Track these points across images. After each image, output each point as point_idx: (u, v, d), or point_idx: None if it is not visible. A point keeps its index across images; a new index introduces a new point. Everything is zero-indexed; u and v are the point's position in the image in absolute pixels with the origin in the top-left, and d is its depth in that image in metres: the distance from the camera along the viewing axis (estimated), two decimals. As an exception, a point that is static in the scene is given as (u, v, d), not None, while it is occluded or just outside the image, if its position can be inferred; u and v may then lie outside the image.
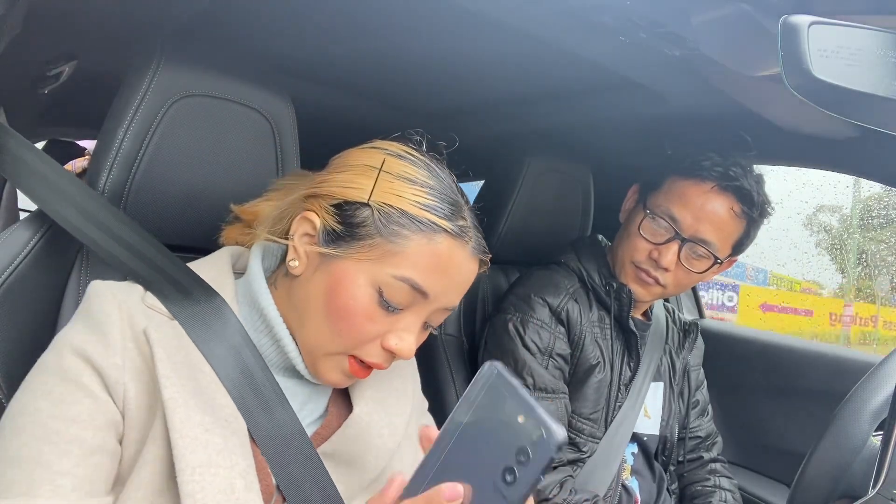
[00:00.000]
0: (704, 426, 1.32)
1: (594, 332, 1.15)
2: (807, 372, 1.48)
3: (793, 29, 0.53)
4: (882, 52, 0.53)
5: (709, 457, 1.31)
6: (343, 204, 0.64)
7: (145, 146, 0.79)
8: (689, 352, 1.30)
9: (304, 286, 0.66)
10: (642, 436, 1.19)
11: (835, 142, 1.10)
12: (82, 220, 0.71)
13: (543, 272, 1.21)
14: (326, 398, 0.73)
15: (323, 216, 0.65)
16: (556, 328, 1.12)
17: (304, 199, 0.68)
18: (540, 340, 1.11)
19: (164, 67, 0.79)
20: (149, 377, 0.60)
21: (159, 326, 0.62)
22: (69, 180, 0.74)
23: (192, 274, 0.69)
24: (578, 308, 1.15)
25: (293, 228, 0.67)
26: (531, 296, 1.15)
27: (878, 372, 0.87)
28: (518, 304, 1.15)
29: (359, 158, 0.67)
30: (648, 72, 0.98)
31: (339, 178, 0.66)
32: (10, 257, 0.74)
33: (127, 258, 0.70)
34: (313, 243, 0.65)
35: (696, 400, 1.31)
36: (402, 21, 0.90)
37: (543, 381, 1.09)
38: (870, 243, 9.04)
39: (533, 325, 1.12)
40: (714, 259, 1.08)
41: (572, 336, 1.13)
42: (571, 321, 1.14)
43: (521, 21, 0.82)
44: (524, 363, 1.09)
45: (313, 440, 0.68)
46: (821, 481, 0.81)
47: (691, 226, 1.07)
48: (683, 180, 1.09)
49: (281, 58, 1.09)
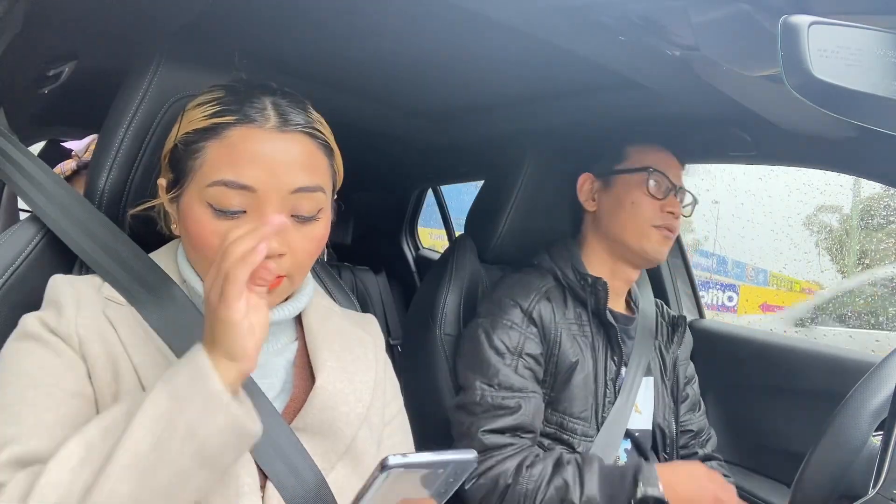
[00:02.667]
0: (696, 421, 1.32)
1: (571, 329, 1.16)
2: (806, 372, 1.48)
3: (793, 29, 0.53)
4: (882, 52, 0.53)
5: (703, 453, 1.30)
6: (169, 156, 0.71)
7: (145, 146, 0.79)
8: (679, 346, 1.30)
9: (183, 240, 0.73)
10: (634, 432, 1.19)
11: (835, 142, 1.10)
12: (70, 225, 0.75)
13: (516, 275, 1.23)
14: (284, 370, 0.75)
15: (165, 175, 0.72)
16: (528, 328, 1.13)
17: (160, 176, 0.75)
18: (509, 340, 1.11)
19: (164, 67, 0.79)
20: (111, 345, 0.65)
21: (118, 310, 0.68)
22: (59, 185, 0.77)
23: (154, 266, 0.73)
24: (551, 307, 1.15)
25: (161, 199, 0.73)
26: (503, 298, 1.16)
27: (878, 372, 0.87)
28: (490, 308, 1.16)
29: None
30: (648, 72, 0.98)
31: (167, 139, 0.73)
32: (11, 257, 0.75)
33: (100, 256, 0.73)
34: (165, 198, 0.72)
35: (686, 394, 1.31)
36: (402, 21, 0.90)
37: (509, 381, 1.08)
38: (870, 243, 9.04)
39: (503, 326, 1.12)
40: (694, 198, 1.26)
41: (547, 336, 1.14)
42: (544, 321, 1.14)
43: (521, 21, 0.82)
44: (489, 364, 1.09)
45: (285, 415, 0.71)
46: (821, 481, 0.81)
47: (676, 176, 1.21)
48: (642, 145, 1.22)
49: (280, 58, 1.09)
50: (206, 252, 0.67)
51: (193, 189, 0.67)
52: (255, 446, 0.66)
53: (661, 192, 1.18)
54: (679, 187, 1.20)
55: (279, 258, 0.67)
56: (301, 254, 0.69)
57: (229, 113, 0.67)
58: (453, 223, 2.60)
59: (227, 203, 0.66)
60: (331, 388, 0.73)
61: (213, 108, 0.68)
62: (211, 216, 0.66)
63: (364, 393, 0.76)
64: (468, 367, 1.13)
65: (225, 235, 0.62)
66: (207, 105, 0.69)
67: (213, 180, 0.66)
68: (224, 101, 0.68)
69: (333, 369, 0.74)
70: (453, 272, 1.32)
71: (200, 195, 0.67)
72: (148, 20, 0.91)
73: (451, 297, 1.29)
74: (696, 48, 0.77)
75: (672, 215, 1.18)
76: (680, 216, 1.20)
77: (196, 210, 0.67)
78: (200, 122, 0.68)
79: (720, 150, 1.30)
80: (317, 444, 0.70)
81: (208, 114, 0.68)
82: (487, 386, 1.09)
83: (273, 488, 0.66)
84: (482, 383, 1.09)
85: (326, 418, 0.71)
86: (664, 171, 1.18)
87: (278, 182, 0.66)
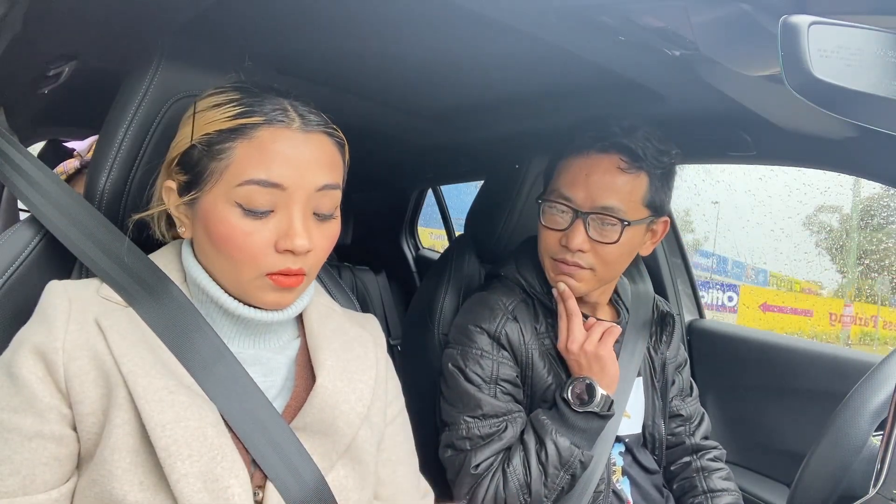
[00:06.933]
0: (685, 407, 1.28)
1: (544, 345, 1.11)
2: (807, 372, 1.48)
3: (793, 29, 0.53)
4: (882, 52, 0.53)
5: (692, 443, 1.27)
6: (180, 158, 0.71)
7: (145, 146, 0.79)
8: (668, 347, 1.26)
9: (197, 242, 0.72)
10: (624, 437, 1.17)
11: (835, 142, 1.10)
12: (68, 225, 0.75)
13: (480, 296, 1.17)
14: (285, 368, 0.76)
15: (174, 178, 0.72)
16: (499, 353, 1.09)
17: (164, 178, 0.74)
18: (482, 370, 1.07)
19: (164, 67, 0.79)
20: (101, 357, 0.64)
21: (112, 313, 0.68)
22: (58, 185, 0.77)
23: (154, 266, 0.73)
24: (519, 328, 1.10)
25: (166, 204, 0.73)
26: (468, 326, 1.12)
27: (878, 372, 0.87)
28: (458, 337, 1.13)
29: (182, 120, 0.74)
30: (648, 72, 0.98)
31: (173, 143, 0.73)
32: (11, 258, 0.75)
33: (99, 258, 0.73)
34: (178, 202, 0.71)
35: (672, 380, 1.27)
36: (403, 22, 0.90)
37: (493, 409, 1.06)
38: (870, 243, 9.04)
39: (473, 357, 1.08)
40: (621, 222, 1.03)
41: (518, 358, 1.10)
42: (513, 344, 1.09)
43: (521, 21, 0.82)
44: (469, 396, 1.07)
45: (286, 415, 0.71)
46: (821, 481, 0.81)
47: (587, 198, 1.04)
48: (566, 159, 1.09)
49: (281, 58, 1.09)
50: (233, 252, 0.68)
51: (219, 189, 0.67)
52: (255, 446, 0.66)
53: (559, 223, 1.07)
54: (586, 213, 1.04)
55: (305, 255, 0.69)
56: (320, 251, 0.72)
57: (255, 114, 0.68)
58: (453, 223, 2.60)
59: (256, 202, 0.67)
60: (331, 387, 0.73)
61: (234, 108, 0.68)
62: (240, 215, 0.67)
63: (365, 392, 0.76)
64: (449, 403, 1.10)
65: (251, 232, 0.66)
66: (227, 106, 0.69)
67: (244, 179, 0.66)
68: (245, 102, 0.69)
69: (334, 368, 0.75)
70: (452, 272, 1.32)
71: (228, 195, 0.67)
72: (148, 20, 0.91)
73: (450, 298, 1.29)
74: (696, 48, 0.77)
75: (567, 249, 1.06)
76: (584, 249, 1.05)
77: (222, 210, 0.67)
78: (224, 122, 0.68)
79: (720, 150, 1.30)
80: (317, 444, 0.71)
81: (231, 114, 0.68)
82: (472, 418, 1.06)
83: (273, 488, 0.66)
84: (466, 417, 1.06)
85: (326, 417, 0.71)
86: (570, 195, 1.05)
87: (305, 181, 0.68)
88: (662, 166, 1.07)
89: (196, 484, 0.60)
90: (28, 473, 0.61)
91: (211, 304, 0.72)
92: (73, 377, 0.63)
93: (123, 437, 0.61)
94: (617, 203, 1.03)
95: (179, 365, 0.66)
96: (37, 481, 0.61)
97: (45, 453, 0.61)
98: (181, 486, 0.60)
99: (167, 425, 0.61)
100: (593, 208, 1.04)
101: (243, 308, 0.72)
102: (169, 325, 0.69)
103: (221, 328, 0.73)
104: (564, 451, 1.02)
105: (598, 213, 1.04)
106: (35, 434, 0.61)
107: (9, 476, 0.60)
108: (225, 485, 0.62)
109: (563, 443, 1.02)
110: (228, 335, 0.73)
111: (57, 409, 0.62)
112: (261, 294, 0.70)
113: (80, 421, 0.63)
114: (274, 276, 0.68)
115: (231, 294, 0.72)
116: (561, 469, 1.02)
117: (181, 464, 0.60)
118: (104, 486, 0.60)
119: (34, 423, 0.61)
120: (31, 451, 0.61)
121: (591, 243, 1.05)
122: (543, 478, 1.01)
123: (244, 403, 0.68)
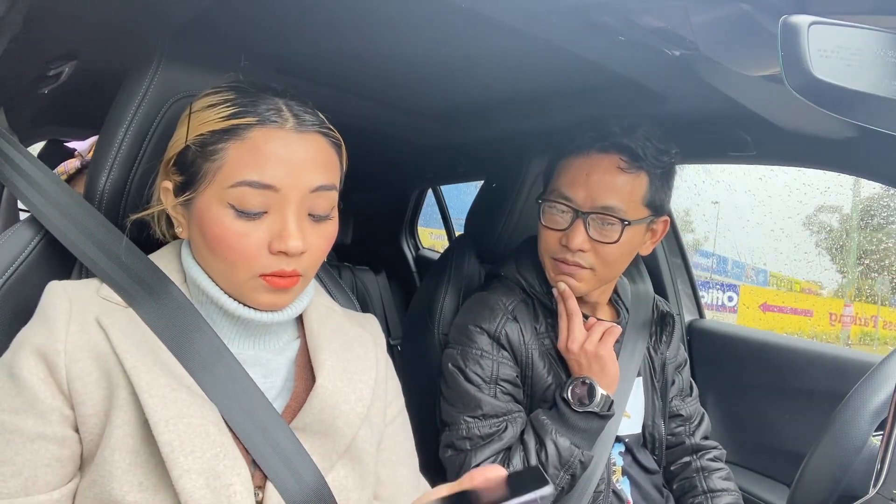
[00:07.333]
0: (685, 407, 1.28)
1: (544, 345, 1.11)
2: (807, 372, 1.48)
3: (793, 29, 0.52)
4: (882, 52, 0.53)
5: (691, 443, 1.27)
6: (176, 159, 0.71)
7: (145, 146, 0.79)
8: (668, 346, 1.26)
9: (193, 242, 0.72)
10: (624, 438, 1.17)
11: (835, 142, 1.10)
12: (69, 226, 0.75)
13: (480, 295, 1.18)
14: (285, 368, 0.76)
15: (171, 178, 0.72)
16: (499, 354, 1.09)
17: (161, 178, 0.74)
18: (482, 370, 1.08)
19: (164, 67, 0.79)
20: (104, 357, 0.64)
21: (113, 313, 0.67)
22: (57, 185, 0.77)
23: (153, 267, 0.73)
24: (519, 328, 1.11)
25: (164, 204, 0.73)
26: (468, 326, 1.12)
27: (878, 372, 0.87)
28: (458, 338, 1.13)
29: (178, 122, 0.74)
30: (648, 72, 0.98)
31: (170, 143, 0.73)
32: (11, 258, 0.75)
33: (99, 258, 0.73)
34: (174, 202, 0.71)
35: (672, 380, 1.27)
36: (403, 21, 0.90)
37: (493, 409, 1.06)
38: (870, 243, 9.04)
39: (473, 357, 1.09)
40: (621, 222, 1.04)
41: (518, 359, 1.10)
42: (513, 344, 1.10)
43: (522, 21, 0.82)
44: (469, 396, 1.07)
45: (286, 415, 0.71)
46: (821, 481, 0.81)
47: (587, 198, 1.05)
48: (566, 159, 1.09)
49: (281, 58, 1.09)
50: (226, 253, 0.67)
51: (212, 190, 0.67)
52: (255, 446, 0.66)
53: (559, 223, 1.08)
54: (587, 213, 1.04)
55: (299, 257, 0.68)
56: (316, 252, 0.71)
57: (248, 114, 0.67)
58: (453, 223, 2.60)
59: (249, 204, 0.66)
60: (331, 387, 0.73)
61: (228, 109, 0.68)
62: (233, 217, 0.67)
63: (364, 392, 0.76)
64: (449, 403, 1.11)
65: (245, 234, 0.65)
66: (221, 106, 0.68)
67: (237, 181, 0.66)
68: (239, 103, 0.68)
69: (333, 368, 0.75)
70: (452, 272, 1.32)
71: (221, 196, 0.67)
72: (148, 20, 0.91)
73: (449, 298, 1.29)
74: (696, 48, 0.77)
75: (568, 249, 1.06)
76: (585, 249, 1.05)
77: (216, 211, 0.67)
78: (217, 123, 0.67)
79: (720, 150, 1.30)
80: (317, 444, 0.71)
81: (225, 115, 0.68)
82: (472, 419, 1.06)
83: (272, 488, 0.66)
84: (466, 417, 1.07)
85: (326, 418, 0.71)
86: (570, 195, 1.06)
87: (299, 181, 0.67)
88: (662, 166, 1.07)
89: (198, 480, 0.60)
90: (30, 475, 0.61)
91: (211, 305, 0.72)
92: (75, 378, 0.63)
93: (123, 437, 0.61)
94: (617, 203, 1.04)
95: (179, 365, 0.66)
96: (38, 482, 0.61)
97: (47, 454, 0.61)
98: (183, 481, 0.60)
99: (170, 420, 0.61)
100: (593, 208, 1.04)
101: (243, 309, 0.71)
102: (169, 325, 0.68)
103: (221, 329, 0.73)
104: (564, 452, 1.02)
105: (598, 213, 1.04)
106: (37, 435, 0.61)
107: (11, 477, 0.60)
108: (227, 482, 0.62)
109: (563, 443, 1.02)
110: (228, 336, 0.73)
111: (59, 410, 0.62)
112: (256, 295, 0.70)
113: (82, 422, 0.63)
114: (268, 278, 0.68)
115: (229, 295, 0.72)
116: (561, 469, 1.02)
117: (184, 459, 0.60)
118: (104, 486, 0.60)
119: (36, 425, 0.61)
120: (32, 453, 0.61)
121: (592, 243, 1.06)
122: None
123: (244, 404, 0.68)
